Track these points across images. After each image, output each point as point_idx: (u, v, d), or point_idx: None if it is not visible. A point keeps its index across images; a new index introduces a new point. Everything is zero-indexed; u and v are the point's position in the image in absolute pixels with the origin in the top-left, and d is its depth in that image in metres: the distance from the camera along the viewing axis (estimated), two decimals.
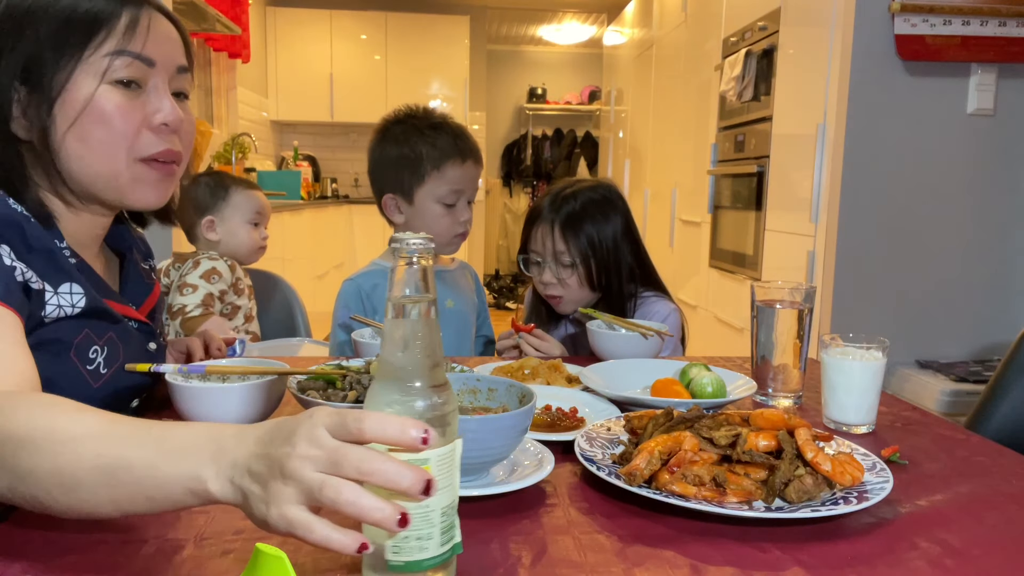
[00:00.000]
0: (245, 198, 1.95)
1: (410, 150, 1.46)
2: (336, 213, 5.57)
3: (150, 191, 0.90)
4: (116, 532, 0.63)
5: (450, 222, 1.49)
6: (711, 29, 3.54)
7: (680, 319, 1.54)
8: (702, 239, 3.65)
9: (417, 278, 0.56)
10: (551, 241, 1.49)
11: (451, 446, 0.54)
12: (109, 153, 0.85)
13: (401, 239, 0.56)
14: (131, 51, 0.85)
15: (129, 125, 0.85)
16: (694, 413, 0.80)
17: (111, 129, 0.85)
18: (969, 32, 2.33)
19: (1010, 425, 1.25)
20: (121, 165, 0.86)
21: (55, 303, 0.82)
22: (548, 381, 1.11)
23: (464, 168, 1.47)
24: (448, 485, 0.54)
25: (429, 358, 0.56)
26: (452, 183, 1.46)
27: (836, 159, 2.41)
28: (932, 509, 0.72)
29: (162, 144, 0.88)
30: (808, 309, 1.07)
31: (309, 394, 0.92)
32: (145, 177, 0.88)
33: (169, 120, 0.88)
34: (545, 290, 1.53)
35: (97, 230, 0.94)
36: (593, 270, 1.49)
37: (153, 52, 0.86)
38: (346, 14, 6.21)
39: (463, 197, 1.49)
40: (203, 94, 4.64)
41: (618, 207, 1.53)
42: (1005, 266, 2.49)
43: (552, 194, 1.54)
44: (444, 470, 0.54)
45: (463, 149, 1.47)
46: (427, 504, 0.52)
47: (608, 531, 0.66)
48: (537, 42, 7.61)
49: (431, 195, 1.46)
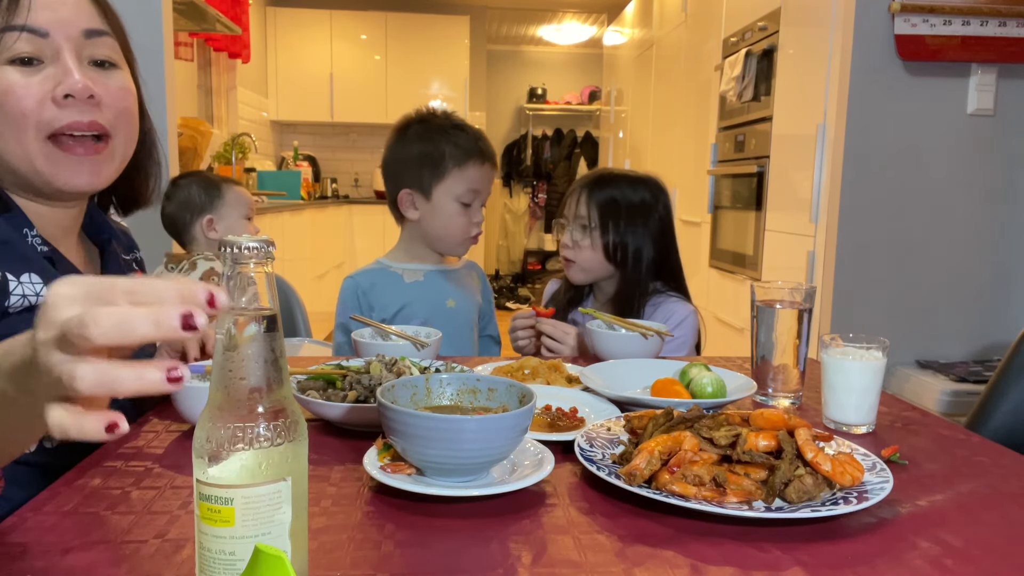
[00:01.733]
0: (237, 195, 1.97)
1: (433, 147, 1.49)
2: (336, 213, 5.58)
3: (75, 173, 0.85)
4: (116, 532, 0.63)
5: (465, 222, 1.52)
6: (711, 29, 3.54)
7: (697, 323, 1.55)
8: (702, 239, 3.65)
9: (252, 287, 0.47)
10: (575, 203, 1.54)
11: (273, 487, 0.46)
12: (15, 135, 0.82)
13: (234, 241, 0.47)
14: (15, 25, 0.80)
15: (28, 102, 0.81)
16: (694, 413, 0.80)
17: (10, 109, 0.81)
18: (969, 32, 2.33)
19: (1010, 425, 1.25)
20: (31, 146, 0.83)
21: (20, 293, 0.80)
22: (548, 381, 1.11)
23: (483, 169, 1.51)
24: (264, 534, 0.46)
25: (253, 379, 0.47)
26: (471, 182, 1.49)
27: (836, 159, 2.41)
28: (932, 509, 0.72)
29: (68, 116, 0.83)
30: (808, 309, 1.07)
31: (309, 394, 0.92)
32: (59, 158, 0.84)
33: (73, 90, 0.82)
34: (562, 252, 1.58)
35: (66, 221, 0.92)
36: (610, 241, 1.52)
37: (43, 21, 0.82)
38: (346, 14, 6.21)
39: (479, 198, 1.52)
40: (203, 94, 4.64)
41: (658, 200, 1.58)
42: (1005, 266, 2.49)
43: (596, 171, 1.61)
44: (257, 515, 0.46)
45: (484, 151, 1.51)
46: (232, 549, 0.45)
47: (608, 531, 0.66)
48: (537, 42, 7.60)
49: (450, 193, 1.49)
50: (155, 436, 0.88)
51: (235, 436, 0.46)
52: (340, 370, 0.98)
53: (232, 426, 0.46)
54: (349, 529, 0.65)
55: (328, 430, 0.91)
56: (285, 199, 4.66)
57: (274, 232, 3.55)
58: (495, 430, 0.70)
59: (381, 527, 0.65)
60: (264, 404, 0.47)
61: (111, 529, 0.64)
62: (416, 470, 0.73)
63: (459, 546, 0.62)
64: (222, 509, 0.45)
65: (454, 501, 0.70)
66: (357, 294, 1.54)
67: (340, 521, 0.66)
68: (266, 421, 0.47)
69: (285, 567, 0.47)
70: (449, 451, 0.69)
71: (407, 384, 0.80)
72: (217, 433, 0.46)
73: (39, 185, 0.86)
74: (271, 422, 0.47)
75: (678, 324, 1.50)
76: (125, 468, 0.77)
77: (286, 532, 0.47)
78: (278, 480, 0.47)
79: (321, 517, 0.67)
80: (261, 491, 0.46)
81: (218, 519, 0.46)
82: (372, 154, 6.77)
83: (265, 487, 0.46)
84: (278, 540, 0.47)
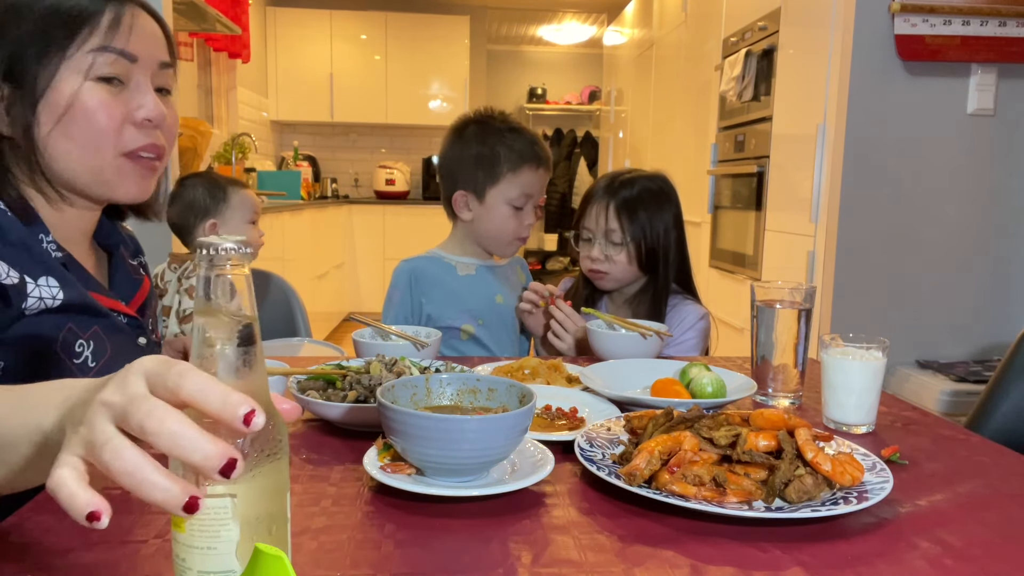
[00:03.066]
0: (242, 198, 1.96)
1: (489, 150, 1.50)
2: (336, 213, 5.58)
3: (133, 185, 0.91)
4: (116, 532, 0.63)
5: (516, 225, 1.53)
6: (711, 29, 3.54)
7: (708, 327, 1.56)
8: (702, 239, 3.65)
9: (227, 291, 0.45)
10: (604, 219, 1.53)
11: (218, 502, 0.44)
12: (93, 148, 0.87)
13: (208, 243, 0.45)
14: (114, 47, 0.86)
15: (112, 121, 0.87)
16: (694, 413, 0.80)
17: (95, 125, 0.86)
18: (969, 32, 2.33)
19: (1010, 425, 1.25)
20: (105, 160, 0.88)
21: (36, 295, 0.82)
22: (548, 381, 1.11)
23: (538, 174, 1.52)
24: (209, 548, 0.45)
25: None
26: (525, 187, 1.51)
27: (836, 159, 2.41)
28: (932, 509, 0.72)
29: (145, 139, 0.90)
30: (808, 309, 1.07)
31: (309, 394, 0.92)
32: (129, 171, 0.90)
33: (152, 116, 0.89)
34: (591, 265, 1.56)
35: (84, 226, 0.95)
36: (643, 250, 1.53)
37: (136, 48, 0.87)
38: (346, 14, 6.21)
39: (531, 202, 1.54)
40: (203, 94, 4.64)
41: (672, 199, 1.58)
42: (1005, 266, 2.49)
43: (610, 177, 1.59)
44: (203, 527, 0.45)
45: (539, 155, 1.52)
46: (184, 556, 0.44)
47: (608, 531, 0.66)
48: (537, 42, 7.60)
49: (503, 196, 1.51)
50: None
51: None
52: (340, 370, 0.98)
53: None
54: (349, 529, 0.65)
55: (328, 430, 0.91)
56: (285, 199, 4.66)
57: (274, 232, 3.55)
58: (495, 430, 0.70)
59: (381, 527, 0.65)
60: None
61: (111, 529, 0.64)
62: (416, 470, 0.73)
63: (459, 546, 0.62)
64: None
65: (454, 501, 0.70)
66: (411, 279, 1.55)
67: (340, 521, 0.66)
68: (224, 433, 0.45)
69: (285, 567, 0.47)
70: (449, 451, 0.69)
71: (407, 384, 0.80)
72: None
73: (95, 193, 0.91)
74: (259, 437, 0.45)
75: (690, 327, 1.50)
76: None
77: (232, 550, 0.45)
78: (223, 496, 0.45)
79: (321, 517, 0.67)
80: (206, 503, 0.43)
81: (175, 523, 0.46)
82: (372, 154, 6.77)
83: (210, 500, 0.44)
84: (224, 557, 0.45)
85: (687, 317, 1.51)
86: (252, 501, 0.46)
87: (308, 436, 0.90)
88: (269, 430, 0.46)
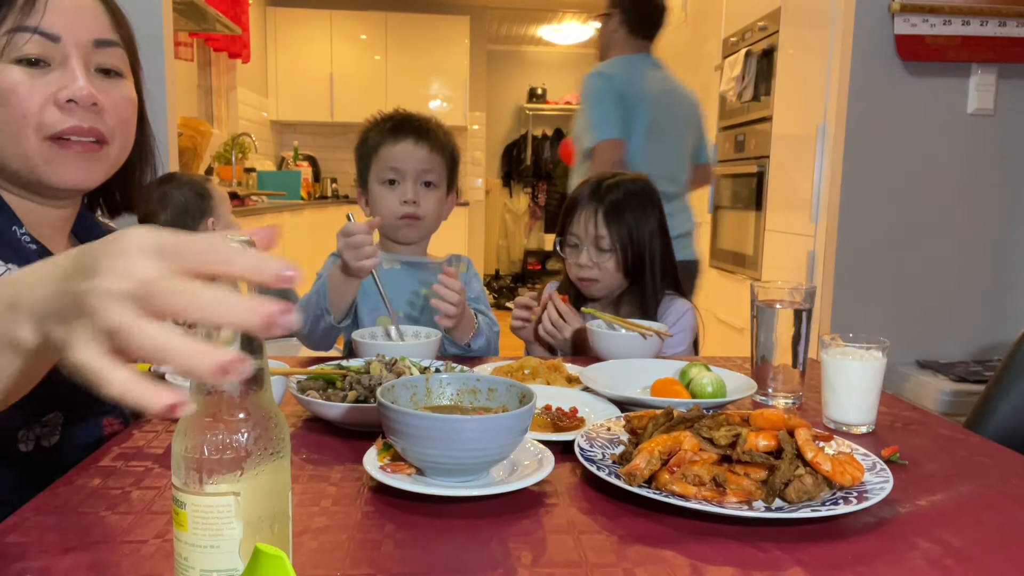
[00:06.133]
0: (221, 191, 1.98)
1: (361, 141, 1.52)
2: (336, 213, 5.57)
3: (68, 170, 0.87)
4: (116, 532, 0.63)
5: (392, 201, 1.47)
6: (711, 29, 3.54)
7: (695, 319, 1.56)
8: (702, 239, 3.64)
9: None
10: (593, 226, 1.52)
11: (222, 500, 0.44)
12: (14, 132, 0.84)
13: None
14: (29, 26, 0.82)
15: (31, 103, 0.83)
16: (694, 413, 0.80)
17: (12, 108, 0.83)
18: (969, 32, 2.33)
19: (1010, 425, 1.25)
20: (30, 144, 0.84)
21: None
22: (548, 381, 1.11)
23: (399, 146, 1.47)
24: (212, 547, 0.45)
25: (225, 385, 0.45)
26: (388, 160, 1.47)
27: (836, 159, 2.41)
28: (932, 509, 0.72)
29: (69, 120, 0.85)
30: (808, 309, 1.07)
31: (309, 394, 0.92)
32: (56, 156, 0.86)
33: (76, 96, 0.84)
34: (580, 272, 1.55)
35: (57, 221, 0.93)
36: (629, 257, 1.52)
37: (56, 27, 0.83)
38: (346, 14, 6.21)
39: (404, 176, 1.47)
40: (203, 94, 4.64)
41: (655, 202, 1.57)
42: (1005, 266, 2.49)
43: (593, 183, 1.57)
44: (207, 525, 0.45)
45: (397, 128, 1.49)
46: (186, 555, 0.44)
47: (608, 531, 0.66)
48: (537, 42, 7.60)
49: (376, 178, 1.50)
50: (155, 436, 0.88)
51: (197, 442, 0.45)
52: (340, 370, 0.98)
53: (198, 431, 0.45)
54: (349, 529, 0.65)
55: (328, 430, 0.91)
56: (285, 199, 4.66)
57: None
58: (495, 430, 0.70)
59: (381, 527, 0.65)
60: (227, 413, 0.45)
61: (111, 529, 0.64)
62: (416, 470, 0.73)
63: (459, 546, 0.62)
64: (179, 512, 0.46)
65: (454, 501, 0.70)
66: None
67: (340, 521, 0.66)
68: (228, 432, 0.45)
69: (285, 567, 0.47)
70: (449, 451, 0.69)
71: (407, 384, 0.80)
72: (193, 436, 0.45)
73: (32, 181, 0.87)
74: (232, 434, 0.45)
75: (677, 319, 1.51)
76: (125, 468, 0.77)
77: (235, 548, 0.45)
78: (226, 494, 0.45)
79: (321, 517, 0.67)
80: (210, 501, 0.45)
81: (177, 521, 0.46)
82: None
83: (213, 499, 0.45)
84: (227, 555, 0.45)
85: (671, 313, 1.53)
86: (255, 500, 0.46)
87: (308, 436, 0.90)
88: (272, 429, 0.47)
